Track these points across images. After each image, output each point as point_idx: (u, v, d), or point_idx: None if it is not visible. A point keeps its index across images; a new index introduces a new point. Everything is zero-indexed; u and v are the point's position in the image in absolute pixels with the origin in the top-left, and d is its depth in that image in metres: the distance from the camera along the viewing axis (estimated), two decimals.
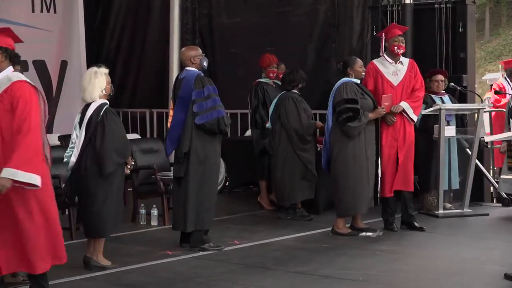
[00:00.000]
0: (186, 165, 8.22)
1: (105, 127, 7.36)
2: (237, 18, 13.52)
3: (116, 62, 14.66)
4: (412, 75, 9.33)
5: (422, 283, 7.07)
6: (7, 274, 6.96)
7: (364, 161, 8.96)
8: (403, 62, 9.38)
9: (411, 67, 9.36)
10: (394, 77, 9.28)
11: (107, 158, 7.33)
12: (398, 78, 9.28)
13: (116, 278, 7.25)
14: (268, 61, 10.95)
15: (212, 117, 8.14)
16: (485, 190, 11.35)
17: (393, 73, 9.28)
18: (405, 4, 11.55)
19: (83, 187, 7.43)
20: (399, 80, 9.27)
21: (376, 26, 11.90)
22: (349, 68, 9.11)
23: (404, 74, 9.29)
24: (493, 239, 8.99)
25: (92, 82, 7.48)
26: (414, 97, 9.27)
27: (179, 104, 8.27)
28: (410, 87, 9.28)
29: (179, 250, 8.26)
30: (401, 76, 9.28)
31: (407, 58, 9.52)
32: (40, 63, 12.59)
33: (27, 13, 12.50)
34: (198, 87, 8.18)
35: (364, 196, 9.00)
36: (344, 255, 8.14)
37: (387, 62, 9.33)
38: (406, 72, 9.31)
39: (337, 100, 8.96)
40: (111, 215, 7.45)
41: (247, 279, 7.19)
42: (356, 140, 8.93)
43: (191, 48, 8.76)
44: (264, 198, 10.87)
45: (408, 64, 9.38)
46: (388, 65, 9.33)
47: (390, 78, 9.28)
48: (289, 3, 12.94)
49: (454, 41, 11.43)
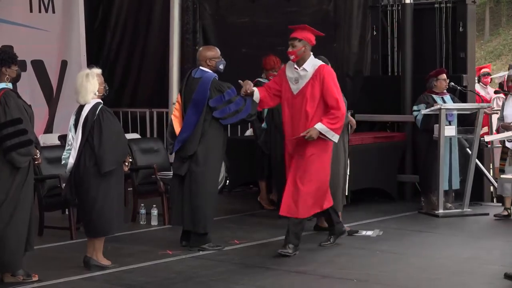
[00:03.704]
0: (188, 164, 8.23)
1: (101, 126, 7.34)
2: (243, 18, 13.49)
3: (117, 62, 14.67)
4: (316, 84, 7.93)
5: (422, 283, 7.07)
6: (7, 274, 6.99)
7: (342, 160, 8.96)
8: (307, 68, 8.02)
9: (316, 75, 7.96)
10: (294, 85, 8.06)
11: (105, 157, 7.31)
12: (298, 86, 8.02)
13: (116, 278, 7.25)
14: (272, 64, 10.87)
15: (237, 119, 8.31)
16: (485, 190, 11.35)
17: (294, 80, 8.07)
18: (405, 4, 11.55)
19: (83, 187, 7.41)
20: (299, 89, 8.02)
21: (376, 26, 11.92)
22: None
23: (305, 83, 7.99)
24: (493, 239, 8.99)
25: (84, 85, 7.46)
26: (331, 117, 7.89)
27: (193, 107, 8.23)
28: (316, 99, 7.92)
29: (179, 250, 8.25)
30: (301, 85, 8.01)
31: (320, 63, 8.07)
32: (38, 63, 12.59)
33: (25, 13, 12.50)
34: (215, 94, 8.18)
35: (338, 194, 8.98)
36: (344, 255, 8.14)
37: (293, 67, 8.13)
38: (308, 81, 7.98)
39: None
40: (112, 214, 7.44)
41: (247, 279, 7.19)
42: None
43: (209, 48, 8.61)
44: (264, 198, 10.86)
45: (314, 72, 7.99)
46: (293, 71, 8.12)
47: (292, 85, 8.09)
48: (298, 3, 12.90)
49: (454, 41, 11.43)
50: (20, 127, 6.84)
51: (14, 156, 6.80)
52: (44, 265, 7.49)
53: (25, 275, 7.03)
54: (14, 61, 7.01)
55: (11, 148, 6.79)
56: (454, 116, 10.28)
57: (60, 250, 8.45)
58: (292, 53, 8.04)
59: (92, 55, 13.47)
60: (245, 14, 13.46)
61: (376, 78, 11.96)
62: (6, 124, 6.80)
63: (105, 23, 14.89)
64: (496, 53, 34.76)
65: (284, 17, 12.78)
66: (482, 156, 11.05)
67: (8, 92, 6.90)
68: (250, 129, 12.05)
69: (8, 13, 12.23)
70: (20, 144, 6.81)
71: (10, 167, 6.85)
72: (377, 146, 10.99)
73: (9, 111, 6.82)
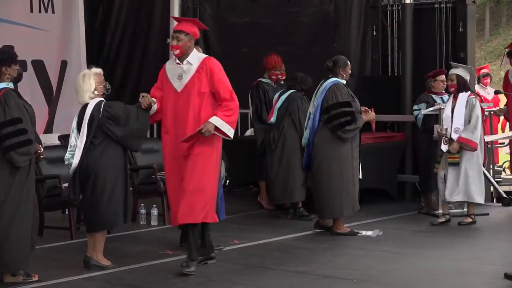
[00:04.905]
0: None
1: (113, 115, 7.38)
2: (244, 18, 13.48)
3: (117, 62, 14.65)
4: (203, 77, 7.30)
5: (422, 283, 7.07)
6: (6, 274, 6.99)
7: (350, 163, 8.94)
8: (191, 62, 7.38)
9: (202, 68, 7.34)
10: (178, 82, 7.38)
11: (132, 135, 7.43)
12: (183, 82, 7.36)
13: (116, 278, 7.25)
14: (273, 63, 10.87)
15: None
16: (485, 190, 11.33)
17: (178, 76, 7.40)
18: (405, 4, 11.55)
19: (89, 180, 7.39)
20: (183, 85, 7.35)
21: (376, 26, 11.92)
22: (340, 68, 9.03)
23: (190, 77, 7.35)
24: (493, 239, 8.99)
25: (80, 85, 7.50)
26: (226, 110, 7.28)
27: None
28: (204, 94, 7.29)
29: (179, 250, 8.25)
30: (186, 80, 7.34)
31: (204, 56, 7.53)
32: (38, 63, 12.59)
33: (25, 13, 12.49)
34: None
35: (350, 197, 8.97)
36: (344, 255, 8.14)
37: (175, 62, 7.49)
38: (193, 75, 7.33)
39: (331, 103, 8.89)
40: (119, 206, 7.45)
41: (247, 279, 7.19)
42: (343, 142, 8.90)
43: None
44: (264, 198, 10.86)
45: (199, 64, 7.35)
46: (175, 67, 7.46)
47: (174, 82, 7.41)
48: (298, 3, 12.90)
49: (454, 41, 11.43)
50: (20, 126, 6.84)
51: (13, 156, 6.80)
52: (44, 265, 7.49)
53: (25, 275, 7.04)
54: (14, 60, 7.01)
55: (10, 148, 6.79)
56: None
57: (60, 250, 8.45)
58: (177, 48, 7.33)
59: (92, 55, 13.46)
60: (246, 14, 13.45)
61: (376, 78, 11.96)
62: (6, 124, 6.81)
63: (105, 23, 14.87)
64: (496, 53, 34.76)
65: (285, 17, 12.79)
66: None
67: (8, 92, 6.90)
68: (251, 129, 12.05)
69: (8, 13, 12.22)
70: (19, 144, 6.82)
71: (10, 167, 6.85)
72: (377, 146, 10.98)
73: (8, 110, 6.82)
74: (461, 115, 9.41)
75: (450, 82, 9.65)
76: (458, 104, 9.48)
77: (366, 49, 12.26)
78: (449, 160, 9.43)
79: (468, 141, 9.33)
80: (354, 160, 8.98)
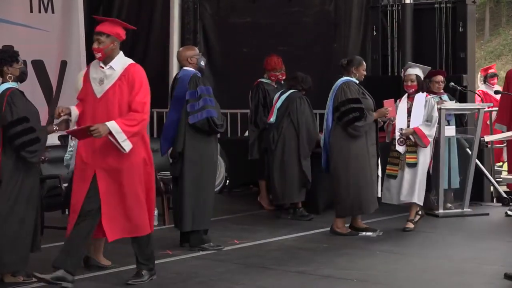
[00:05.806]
0: (181, 164, 8.26)
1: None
2: (244, 18, 13.48)
3: None
4: (124, 86, 6.76)
5: (422, 283, 7.07)
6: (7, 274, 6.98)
7: (367, 160, 8.94)
8: (115, 67, 6.84)
9: (124, 75, 6.80)
10: (99, 87, 6.83)
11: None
12: (103, 88, 6.80)
13: (116, 278, 7.25)
14: (273, 64, 10.86)
15: (202, 117, 8.13)
16: (485, 190, 11.35)
17: (99, 81, 6.86)
18: (405, 4, 11.56)
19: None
20: (104, 91, 6.79)
21: (376, 26, 11.92)
22: (353, 67, 9.04)
23: (111, 84, 6.80)
24: (493, 239, 8.99)
25: (80, 85, 7.48)
26: (128, 118, 6.65)
27: (174, 104, 8.33)
28: (124, 103, 6.73)
29: (179, 250, 8.25)
30: (107, 86, 6.79)
31: (130, 62, 6.96)
32: (38, 63, 12.58)
33: (25, 13, 12.49)
34: (192, 87, 8.18)
35: (369, 195, 8.97)
36: (344, 255, 8.14)
37: (98, 65, 6.95)
38: (115, 82, 6.79)
39: (340, 100, 8.91)
40: None
41: (247, 279, 7.19)
42: (358, 139, 8.90)
43: (187, 48, 8.74)
44: (264, 198, 10.86)
45: (122, 71, 6.82)
46: (97, 70, 6.92)
47: (95, 87, 6.86)
48: (298, 3, 12.90)
49: (454, 41, 11.44)
50: (28, 125, 6.83)
51: (24, 155, 6.81)
52: (44, 265, 7.47)
53: (25, 276, 7.03)
54: (15, 59, 7.00)
55: (20, 147, 6.79)
56: (452, 116, 10.29)
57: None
58: (98, 51, 6.83)
59: (92, 56, 13.42)
60: (246, 14, 13.46)
61: (376, 78, 11.96)
62: (14, 123, 6.81)
63: None
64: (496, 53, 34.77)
65: (285, 18, 12.79)
66: (482, 156, 11.05)
67: (15, 92, 6.90)
68: None
69: (8, 13, 12.22)
70: (29, 142, 6.82)
71: (14, 168, 6.84)
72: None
73: (16, 110, 6.82)
74: (420, 116, 9.26)
75: (410, 82, 9.41)
76: (416, 104, 9.34)
77: (366, 49, 12.26)
78: (407, 161, 9.32)
79: (424, 136, 9.21)
80: (371, 158, 8.98)
